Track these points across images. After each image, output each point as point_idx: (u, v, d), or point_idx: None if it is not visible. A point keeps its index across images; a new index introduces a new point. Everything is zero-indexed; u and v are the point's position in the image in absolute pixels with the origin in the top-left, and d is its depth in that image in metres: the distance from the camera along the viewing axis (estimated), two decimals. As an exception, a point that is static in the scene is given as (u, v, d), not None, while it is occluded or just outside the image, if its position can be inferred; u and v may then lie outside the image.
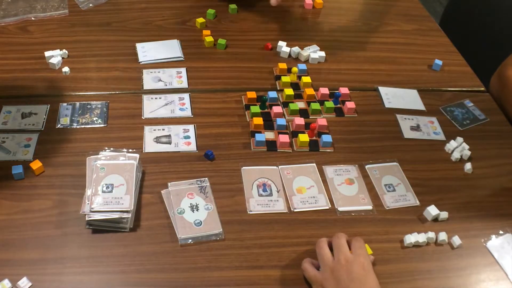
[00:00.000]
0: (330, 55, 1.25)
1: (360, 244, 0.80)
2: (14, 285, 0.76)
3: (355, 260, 0.77)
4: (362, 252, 0.79)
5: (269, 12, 1.38)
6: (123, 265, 0.80)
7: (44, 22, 1.26)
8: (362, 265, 0.76)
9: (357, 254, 0.78)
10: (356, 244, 0.80)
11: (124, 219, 0.83)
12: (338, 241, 0.80)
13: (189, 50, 1.22)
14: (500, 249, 0.88)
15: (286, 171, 0.97)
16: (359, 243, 0.80)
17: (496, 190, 0.98)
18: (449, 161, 1.03)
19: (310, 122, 1.04)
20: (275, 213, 0.90)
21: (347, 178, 0.97)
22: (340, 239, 0.80)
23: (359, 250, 0.79)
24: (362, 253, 0.78)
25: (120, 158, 0.90)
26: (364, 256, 0.78)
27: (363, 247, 0.80)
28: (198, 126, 1.03)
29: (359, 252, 0.78)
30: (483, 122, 1.12)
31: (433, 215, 0.90)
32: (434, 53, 1.30)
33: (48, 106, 1.04)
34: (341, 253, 0.78)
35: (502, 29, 1.40)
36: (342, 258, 0.77)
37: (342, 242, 0.80)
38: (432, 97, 1.17)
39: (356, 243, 0.80)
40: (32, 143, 0.96)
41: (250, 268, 0.82)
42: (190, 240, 0.84)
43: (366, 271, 0.76)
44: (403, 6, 1.47)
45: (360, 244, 0.80)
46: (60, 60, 1.14)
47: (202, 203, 0.89)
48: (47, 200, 0.88)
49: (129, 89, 1.11)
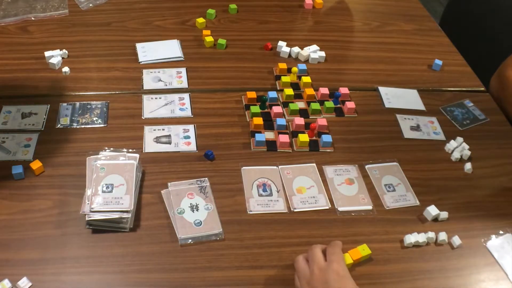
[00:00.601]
0: (330, 55, 1.25)
1: (333, 249, 0.78)
2: (14, 285, 0.76)
3: (328, 268, 0.75)
4: (335, 258, 0.76)
5: (269, 12, 1.38)
6: (123, 265, 0.80)
7: (44, 22, 1.26)
8: (336, 271, 0.74)
9: (330, 261, 0.76)
10: (329, 250, 0.78)
11: (124, 219, 0.83)
12: (311, 252, 0.78)
13: (189, 50, 1.22)
14: (500, 249, 0.88)
15: (286, 171, 0.97)
16: (332, 249, 0.78)
17: (496, 190, 0.98)
18: (449, 161, 1.03)
19: (310, 122, 1.04)
20: (275, 213, 0.90)
21: (347, 178, 0.97)
22: (313, 249, 0.79)
23: (332, 257, 0.77)
24: (335, 259, 0.76)
25: (120, 158, 0.90)
26: (338, 261, 0.76)
27: (336, 252, 0.78)
28: (198, 126, 1.03)
29: (332, 259, 0.76)
30: (483, 122, 1.12)
31: (433, 215, 0.90)
32: (434, 53, 1.30)
33: (48, 106, 1.04)
34: (314, 263, 0.76)
35: (502, 29, 1.40)
36: (315, 268, 0.75)
37: (315, 252, 0.78)
38: (432, 97, 1.17)
39: (330, 249, 0.78)
40: (32, 143, 0.96)
41: (250, 268, 0.82)
42: (190, 240, 0.84)
43: (341, 276, 0.74)
44: (403, 6, 1.47)
45: (333, 250, 0.78)
46: (60, 60, 1.14)
47: (202, 203, 0.89)
48: (47, 200, 0.88)
49: (129, 89, 1.11)
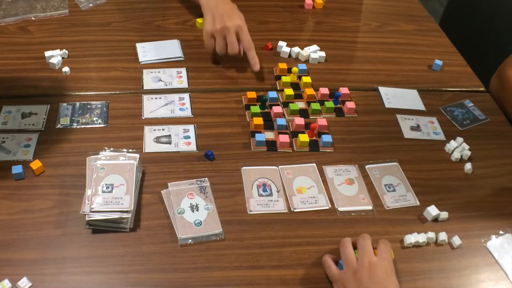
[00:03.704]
0: (330, 55, 1.25)
1: (387, 248, 0.80)
2: (14, 285, 0.76)
3: (378, 263, 0.77)
4: (387, 256, 0.78)
5: (269, 12, 1.38)
6: (123, 265, 0.80)
7: (44, 22, 1.26)
8: (385, 269, 0.76)
9: (382, 258, 0.78)
10: (382, 248, 0.80)
11: (124, 219, 0.83)
12: (363, 242, 0.80)
13: (189, 50, 1.22)
14: (500, 249, 0.88)
15: (286, 171, 0.97)
16: (386, 247, 0.80)
17: (496, 190, 0.98)
18: (449, 161, 1.03)
19: (310, 122, 1.04)
20: (275, 213, 0.90)
21: (347, 178, 0.97)
22: (366, 240, 0.80)
23: (384, 254, 0.78)
24: (386, 257, 0.78)
25: (120, 158, 0.90)
26: (388, 260, 0.78)
27: (388, 251, 0.80)
28: (198, 126, 1.03)
29: (384, 256, 0.78)
30: (483, 122, 1.12)
31: (433, 215, 0.90)
32: (434, 53, 1.30)
33: (48, 106, 1.04)
34: (365, 255, 0.78)
35: (502, 29, 1.40)
36: (366, 260, 0.77)
37: (367, 244, 0.80)
38: (432, 97, 1.17)
39: (383, 246, 0.80)
40: (32, 143, 0.96)
41: (250, 268, 0.82)
42: (190, 240, 0.84)
43: (388, 275, 0.76)
44: (403, 6, 1.47)
45: (386, 248, 0.80)
46: (60, 60, 1.14)
47: (202, 203, 0.89)
48: (47, 200, 0.88)
49: (129, 89, 1.11)
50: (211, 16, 1.13)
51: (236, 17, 1.13)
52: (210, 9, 1.14)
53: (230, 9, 1.15)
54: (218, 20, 1.12)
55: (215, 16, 1.12)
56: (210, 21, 1.13)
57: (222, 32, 1.12)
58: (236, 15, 1.14)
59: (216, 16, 1.12)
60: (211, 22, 1.12)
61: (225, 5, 1.16)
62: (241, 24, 1.13)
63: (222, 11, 1.13)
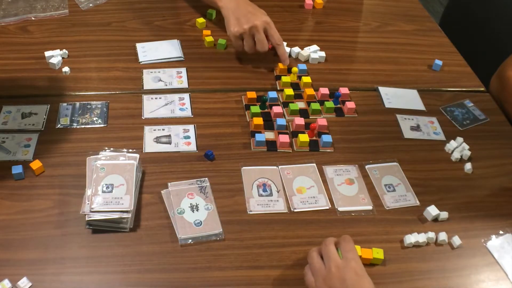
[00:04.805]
0: (330, 55, 1.25)
1: (350, 246, 0.77)
2: (14, 285, 0.76)
3: (346, 266, 0.74)
4: (353, 256, 0.76)
5: (269, 12, 1.37)
6: (123, 265, 0.80)
7: (44, 22, 1.26)
8: (354, 270, 0.74)
9: (348, 259, 0.75)
10: (345, 247, 0.77)
11: (124, 219, 0.83)
12: (326, 248, 0.78)
13: (189, 50, 1.22)
14: (500, 249, 0.88)
15: (286, 171, 0.97)
16: (349, 245, 0.77)
17: (496, 190, 0.98)
18: (449, 161, 1.03)
19: (310, 122, 1.04)
20: (275, 213, 0.90)
21: (347, 178, 0.97)
22: (328, 246, 0.78)
23: (349, 254, 0.76)
24: (352, 257, 0.76)
25: (120, 158, 0.90)
26: (355, 260, 0.75)
27: (353, 249, 0.77)
28: (198, 126, 1.03)
29: (350, 256, 0.76)
30: (483, 122, 1.12)
31: (433, 215, 0.90)
32: (434, 53, 1.30)
33: (48, 106, 1.04)
34: (331, 261, 0.75)
35: (502, 29, 1.40)
36: (332, 266, 0.75)
37: (330, 249, 0.77)
38: (432, 97, 1.17)
39: (346, 245, 0.77)
40: (32, 143, 0.96)
41: (250, 268, 0.82)
42: (190, 240, 0.84)
43: (359, 275, 0.74)
44: (403, 6, 1.47)
45: (349, 247, 0.77)
46: (60, 60, 1.14)
47: (202, 203, 0.89)
48: (47, 200, 0.88)
49: (129, 89, 1.11)
50: (234, 17, 1.12)
51: (260, 14, 1.13)
52: (231, 11, 1.14)
53: (252, 8, 1.15)
54: (244, 20, 1.11)
55: (239, 17, 1.12)
56: (235, 22, 1.12)
57: (251, 31, 1.11)
58: (259, 12, 1.14)
59: (240, 17, 1.12)
60: (236, 24, 1.11)
61: (246, 5, 1.15)
62: (267, 20, 1.13)
63: (246, 11, 1.13)
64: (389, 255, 0.85)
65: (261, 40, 1.12)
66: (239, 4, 1.15)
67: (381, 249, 0.83)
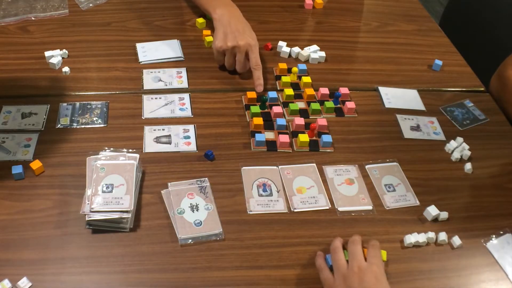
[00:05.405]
0: (330, 55, 1.25)
1: (376, 252, 0.80)
2: (14, 285, 0.76)
3: (368, 269, 0.77)
4: (376, 261, 0.78)
5: (269, 12, 1.38)
6: (123, 265, 0.80)
7: (44, 22, 1.26)
8: (375, 274, 0.76)
9: (371, 263, 0.78)
10: (371, 252, 0.80)
11: (124, 219, 0.83)
12: (353, 247, 0.80)
13: (189, 50, 1.22)
14: (500, 249, 0.88)
15: (286, 171, 0.97)
16: (375, 251, 0.80)
17: (496, 190, 0.98)
18: (449, 161, 1.03)
19: (310, 122, 1.04)
20: (275, 213, 0.90)
21: (347, 178, 0.97)
22: (356, 245, 0.80)
23: (373, 259, 0.78)
24: (376, 262, 0.78)
25: (120, 158, 0.90)
26: (378, 265, 0.78)
27: (378, 255, 0.80)
28: (198, 126, 1.03)
29: (373, 261, 0.78)
30: (483, 122, 1.12)
31: (433, 215, 0.90)
32: (434, 53, 1.30)
33: (48, 106, 1.04)
34: (355, 260, 0.78)
35: (502, 29, 1.40)
36: (355, 265, 0.77)
37: (357, 249, 0.80)
38: (432, 97, 1.17)
39: (372, 250, 0.80)
40: (32, 143, 0.96)
41: (250, 268, 0.82)
42: (190, 240, 0.84)
43: (378, 280, 0.76)
44: (403, 6, 1.47)
45: (375, 252, 0.80)
46: (60, 60, 1.14)
47: (202, 203, 0.89)
48: (47, 200, 0.88)
49: (129, 89, 1.11)
50: (223, 32, 1.12)
51: (247, 36, 1.11)
52: (222, 25, 1.13)
53: (243, 27, 1.13)
54: (230, 38, 1.10)
55: (227, 33, 1.11)
56: (222, 37, 1.11)
57: (233, 50, 1.11)
58: (247, 34, 1.12)
59: (228, 33, 1.11)
60: (222, 39, 1.11)
61: (238, 22, 1.14)
62: (252, 43, 1.11)
63: (235, 29, 1.11)
64: (389, 255, 0.85)
65: (240, 61, 1.12)
66: (231, 20, 1.13)
67: (384, 251, 0.83)
